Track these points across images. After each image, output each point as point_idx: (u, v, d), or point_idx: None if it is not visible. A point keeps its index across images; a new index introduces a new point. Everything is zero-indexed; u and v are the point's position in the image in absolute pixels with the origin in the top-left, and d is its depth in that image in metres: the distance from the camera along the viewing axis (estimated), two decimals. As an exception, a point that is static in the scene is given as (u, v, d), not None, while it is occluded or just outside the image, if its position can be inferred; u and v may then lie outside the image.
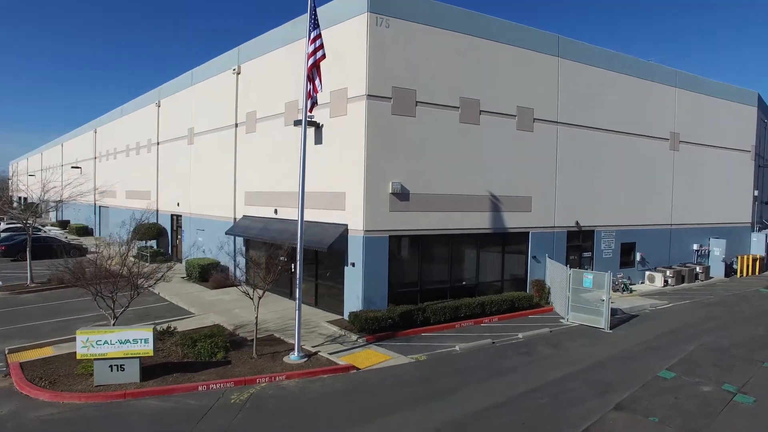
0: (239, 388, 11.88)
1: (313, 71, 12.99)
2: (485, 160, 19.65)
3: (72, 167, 51.39)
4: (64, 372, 12.47)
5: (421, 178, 18.05)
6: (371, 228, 17.03)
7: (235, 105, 24.26)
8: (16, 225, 34.52)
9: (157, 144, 33.59)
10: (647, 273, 26.33)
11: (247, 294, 14.21)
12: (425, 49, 17.95)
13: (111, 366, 11.83)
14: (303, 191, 13.89)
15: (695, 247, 29.03)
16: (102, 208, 44.92)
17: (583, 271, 18.84)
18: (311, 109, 13.66)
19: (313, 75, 13.00)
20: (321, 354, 14.14)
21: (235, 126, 24.41)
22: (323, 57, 13.12)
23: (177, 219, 31.08)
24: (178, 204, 29.95)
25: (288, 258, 15.83)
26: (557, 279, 19.90)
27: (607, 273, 17.77)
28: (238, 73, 24.08)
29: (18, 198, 70.30)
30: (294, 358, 13.53)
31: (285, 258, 15.48)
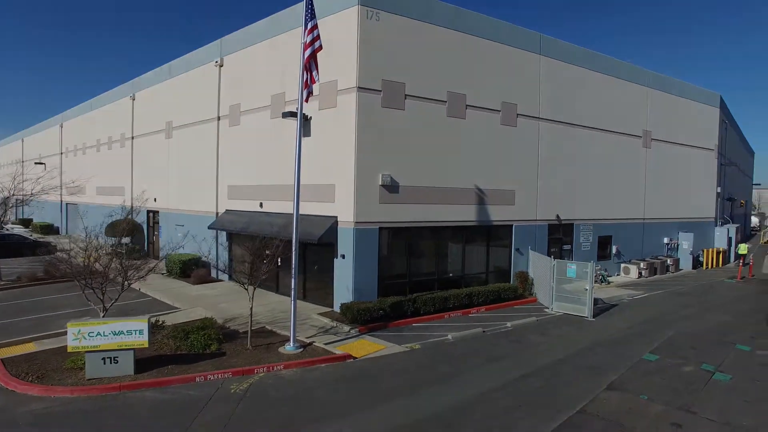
0: (238, 378, 11.78)
1: (311, 62, 12.92)
2: (471, 153, 19.98)
3: (36, 163, 49.34)
4: (51, 367, 12.07)
5: (410, 170, 18.22)
6: (362, 220, 17.09)
7: (218, 98, 23.87)
8: None
9: (132, 138, 32.70)
10: (623, 265, 27.31)
11: (243, 285, 14.08)
12: (414, 44, 18.13)
13: (104, 358, 11.53)
14: (299, 182, 13.84)
15: (666, 241, 30.31)
16: (70, 205, 43.37)
17: (567, 261, 19.41)
18: (307, 99, 13.60)
19: (311, 65, 12.93)
20: (316, 344, 14.14)
21: (218, 119, 24.03)
22: (321, 48, 13.08)
23: (154, 215, 30.34)
24: (155, 199, 29.22)
25: (275, 251, 15.62)
26: (541, 270, 20.41)
27: (591, 263, 18.37)
28: (220, 66, 23.70)
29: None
30: (290, 348, 13.48)
31: (272, 251, 15.31)
